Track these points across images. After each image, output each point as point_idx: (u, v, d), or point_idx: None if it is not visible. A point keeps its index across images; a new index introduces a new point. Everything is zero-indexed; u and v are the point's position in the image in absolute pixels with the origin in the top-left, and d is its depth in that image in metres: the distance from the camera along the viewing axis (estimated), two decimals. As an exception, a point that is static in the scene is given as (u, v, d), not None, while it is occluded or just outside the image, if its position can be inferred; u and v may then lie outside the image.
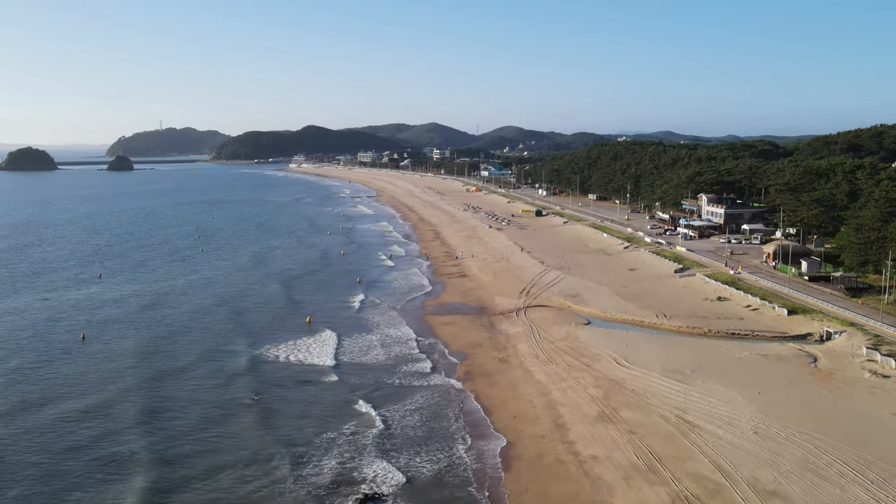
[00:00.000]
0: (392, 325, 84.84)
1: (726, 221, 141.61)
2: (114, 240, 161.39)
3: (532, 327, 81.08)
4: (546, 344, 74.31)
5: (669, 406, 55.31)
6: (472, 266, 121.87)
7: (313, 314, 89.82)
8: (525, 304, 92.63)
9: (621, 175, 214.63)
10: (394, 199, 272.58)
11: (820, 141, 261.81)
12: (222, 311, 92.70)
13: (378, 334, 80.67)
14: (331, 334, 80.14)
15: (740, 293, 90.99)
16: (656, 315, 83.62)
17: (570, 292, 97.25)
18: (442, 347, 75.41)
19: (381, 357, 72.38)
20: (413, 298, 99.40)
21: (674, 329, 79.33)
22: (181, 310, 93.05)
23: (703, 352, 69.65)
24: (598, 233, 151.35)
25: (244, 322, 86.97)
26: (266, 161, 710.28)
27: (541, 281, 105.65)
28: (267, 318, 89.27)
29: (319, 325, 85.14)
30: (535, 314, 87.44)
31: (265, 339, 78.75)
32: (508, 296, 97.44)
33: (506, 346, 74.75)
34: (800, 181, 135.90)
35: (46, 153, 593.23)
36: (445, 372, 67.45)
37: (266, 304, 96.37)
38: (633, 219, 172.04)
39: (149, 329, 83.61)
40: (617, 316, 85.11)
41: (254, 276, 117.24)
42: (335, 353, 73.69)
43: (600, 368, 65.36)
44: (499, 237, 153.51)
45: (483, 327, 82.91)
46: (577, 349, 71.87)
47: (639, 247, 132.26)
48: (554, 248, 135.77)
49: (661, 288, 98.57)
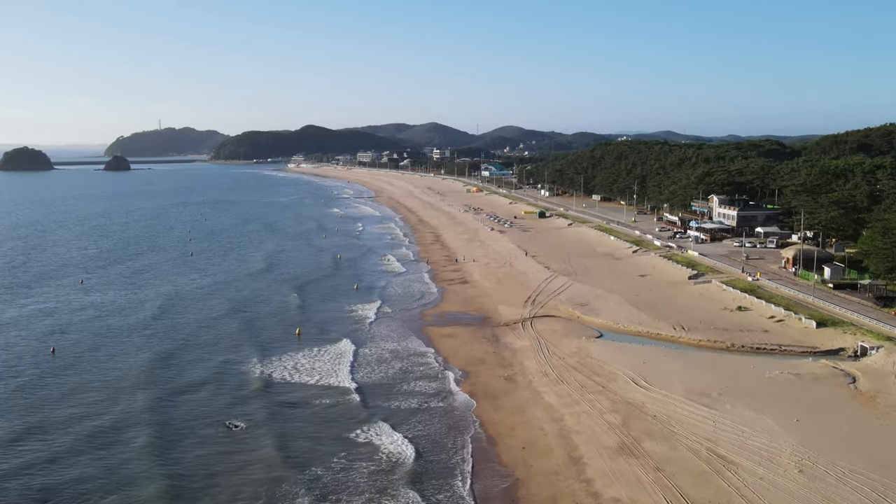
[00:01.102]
0: (388, 337, 78.61)
1: (739, 224, 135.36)
2: (101, 244, 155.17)
3: (539, 341, 74.87)
4: (555, 360, 68.11)
5: (698, 436, 49.09)
6: (474, 271, 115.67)
7: (304, 325, 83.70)
8: (531, 313, 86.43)
9: (626, 175, 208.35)
10: (393, 199, 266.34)
11: (829, 140, 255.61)
12: (203, 321, 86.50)
13: (373, 349, 74.41)
14: (320, 350, 73.91)
15: (762, 302, 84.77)
16: (673, 327, 77.39)
17: (578, 301, 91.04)
18: (442, 364, 69.21)
19: (375, 376, 66.15)
20: (411, 307, 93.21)
21: (693, 343, 73.12)
22: (161, 321, 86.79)
23: (728, 370, 63.41)
24: (605, 235, 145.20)
25: (227, 333, 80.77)
26: (265, 161, 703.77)
27: (547, 288, 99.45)
28: (252, 329, 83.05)
29: (309, 338, 78.99)
30: (543, 325, 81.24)
31: (249, 353, 72.57)
32: (513, 305, 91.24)
33: (512, 363, 68.55)
34: (816, 182, 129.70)
35: (43, 153, 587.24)
36: (445, 393, 61.26)
37: (252, 314, 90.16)
38: (641, 220, 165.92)
39: (125, 341, 77.43)
40: (631, 328, 78.88)
41: (241, 282, 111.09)
42: (318, 370, 67.47)
43: (617, 389, 59.16)
44: (501, 240, 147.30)
45: (486, 340, 76.71)
46: (589, 366, 65.65)
47: (648, 250, 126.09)
48: (559, 251, 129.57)
49: (676, 296, 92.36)
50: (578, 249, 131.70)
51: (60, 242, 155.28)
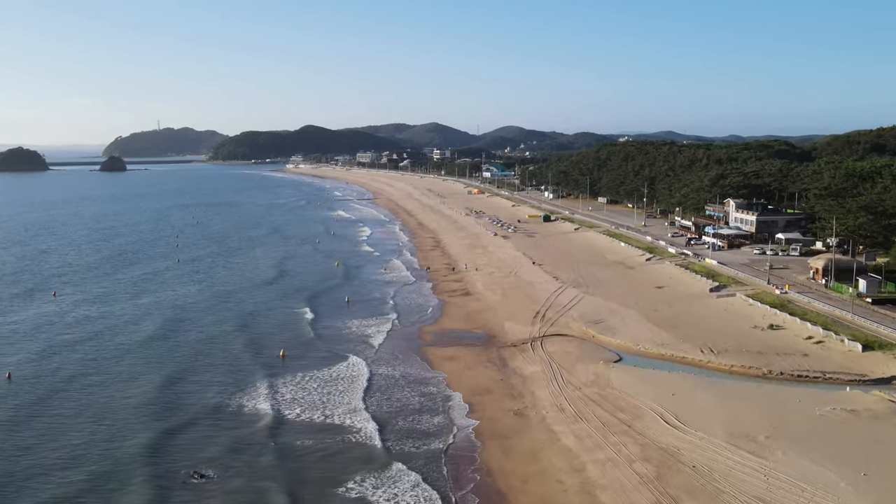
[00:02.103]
0: (381, 361, 70.54)
1: (758, 230, 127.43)
2: (82, 250, 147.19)
3: (552, 365, 66.85)
4: (571, 390, 60.09)
5: (749, 496, 41.08)
6: (477, 281, 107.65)
7: (289, 345, 75.78)
8: (540, 332, 78.41)
9: (634, 177, 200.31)
10: (391, 201, 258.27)
11: (840, 140, 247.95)
12: (174, 340, 78.46)
13: (363, 373, 66.42)
14: (304, 377, 65.87)
15: (795, 320, 76.76)
16: (701, 350, 69.37)
17: (592, 317, 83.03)
18: (443, 394, 61.22)
19: (365, 409, 58.12)
20: (408, 323, 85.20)
21: (724, 369, 65.10)
22: (128, 338, 78.77)
23: (771, 404, 55.38)
24: (615, 241, 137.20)
25: (200, 353, 72.79)
26: (263, 161, 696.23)
27: (556, 301, 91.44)
28: (228, 350, 75.01)
29: (294, 360, 70.98)
30: (554, 346, 73.23)
31: (221, 380, 64.59)
32: (520, 321, 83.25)
33: (522, 393, 60.56)
34: (842, 185, 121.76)
35: (38, 153, 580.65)
36: (446, 432, 53.27)
37: (228, 333, 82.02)
38: (651, 225, 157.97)
39: (90, 363, 69.40)
40: (653, 350, 70.84)
41: (223, 290, 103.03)
42: (305, 402, 59.51)
43: (645, 429, 51.15)
44: (505, 246, 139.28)
45: (492, 364, 68.69)
46: (611, 398, 57.66)
47: (663, 258, 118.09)
48: (567, 259, 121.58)
49: (699, 311, 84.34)
50: (588, 257, 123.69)
51: (41, 248, 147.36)
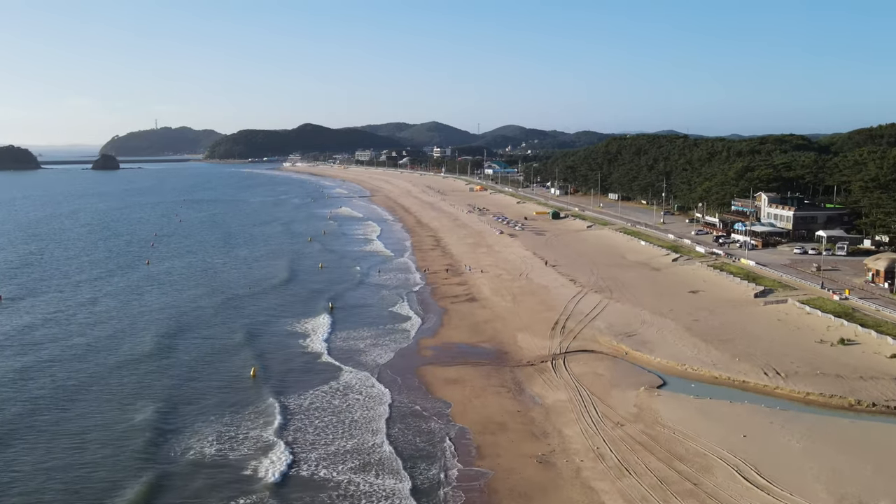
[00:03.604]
0: (366, 386, 57.36)
1: (796, 226, 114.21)
2: (51, 248, 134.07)
3: (580, 391, 53.73)
4: (610, 427, 46.96)
5: None
6: (483, 285, 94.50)
7: (262, 360, 62.79)
8: (562, 347, 65.25)
9: (648, 172, 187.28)
10: (389, 199, 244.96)
11: (863, 134, 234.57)
12: (132, 358, 65.38)
13: (343, 406, 53.32)
14: (276, 405, 52.79)
15: (870, 333, 63.63)
16: (764, 371, 56.24)
17: (622, 329, 69.84)
18: (445, 430, 48.13)
19: (340, 456, 45.01)
20: (403, 336, 72.07)
21: (799, 398, 51.95)
22: (52, 351, 65.74)
23: (878, 450, 42.19)
24: (634, 240, 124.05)
25: (156, 373, 59.72)
26: (260, 160, 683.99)
27: (577, 309, 78.26)
28: (196, 365, 61.99)
29: (266, 382, 57.94)
30: (580, 365, 60.09)
31: (176, 407, 51.59)
32: (536, 333, 70.10)
33: (546, 430, 47.44)
34: (891, 176, 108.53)
35: (29, 152, 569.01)
36: (448, 491, 40.12)
37: (197, 341, 68.98)
38: (670, 222, 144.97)
39: (25, 385, 56.41)
40: (703, 372, 57.66)
41: (196, 293, 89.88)
42: (281, 445, 46.44)
43: (718, 490, 38.01)
44: (513, 245, 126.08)
45: (506, 390, 55.57)
46: (663, 441, 44.52)
47: (691, 258, 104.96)
48: (583, 260, 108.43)
49: (748, 322, 71.16)
50: (606, 257, 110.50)
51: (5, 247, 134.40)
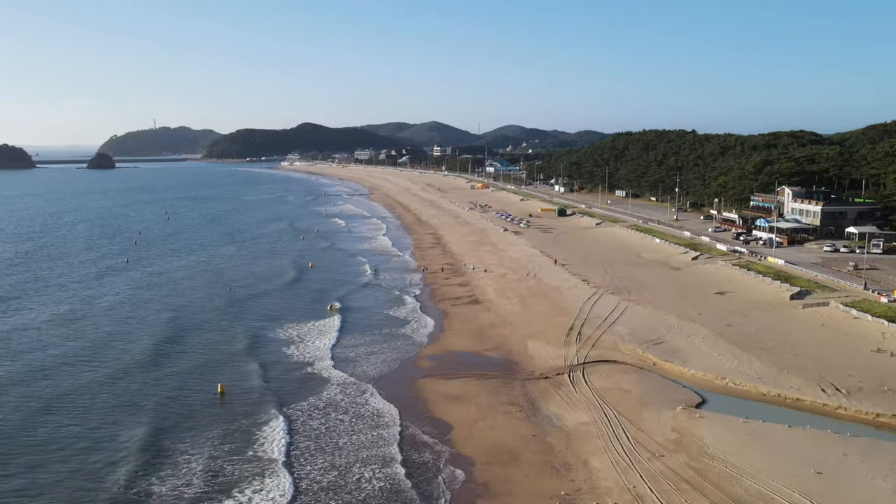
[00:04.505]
0: (354, 406, 49.08)
1: (823, 222, 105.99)
2: (31, 247, 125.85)
3: (606, 411, 45.47)
4: (646, 459, 38.68)
5: None
6: (487, 286, 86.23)
7: (233, 374, 54.59)
8: (579, 356, 57.00)
9: (657, 167, 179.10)
10: (388, 197, 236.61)
11: (877, 129, 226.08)
12: (91, 372, 57.25)
13: (325, 425, 45.07)
14: (250, 425, 44.53)
15: (933, 340, 55.46)
16: (820, 387, 47.92)
17: (646, 335, 61.55)
18: (444, 460, 39.87)
19: (323, 494, 36.79)
20: (398, 342, 63.85)
21: (868, 420, 43.68)
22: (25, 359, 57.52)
23: None
24: (647, 237, 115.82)
25: (121, 389, 51.56)
26: (258, 159, 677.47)
27: (594, 313, 69.96)
28: (164, 381, 53.79)
29: (235, 399, 49.73)
30: (603, 379, 51.82)
31: (144, 430, 43.42)
32: (549, 340, 61.83)
33: (568, 462, 39.16)
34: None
35: (24, 151, 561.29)
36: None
37: (164, 353, 60.81)
38: (683, 219, 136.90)
39: None
40: (748, 387, 49.33)
41: (160, 301, 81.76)
42: (241, 477, 38.18)
43: (795, 547, 29.78)
44: (518, 243, 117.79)
45: (517, 409, 47.28)
46: (714, 477, 36.22)
47: (712, 257, 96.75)
48: (595, 258, 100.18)
49: (787, 327, 62.90)
50: (620, 255, 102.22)
51: None
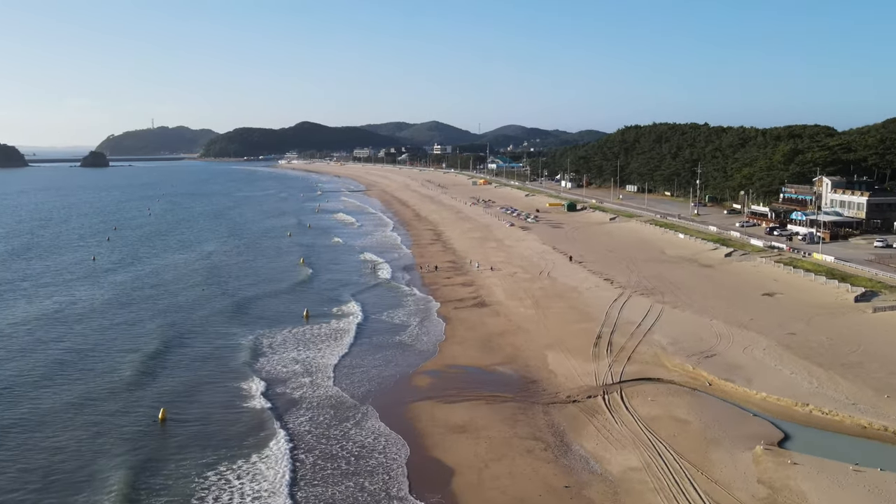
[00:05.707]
0: (335, 440, 38.05)
1: (870, 215, 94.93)
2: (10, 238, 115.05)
3: (660, 450, 34.30)
4: (729, 527, 27.54)
5: None
6: (495, 286, 75.03)
7: (180, 397, 43.49)
8: (614, 373, 45.78)
9: (672, 160, 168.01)
10: (386, 193, 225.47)
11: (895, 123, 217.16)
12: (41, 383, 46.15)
13: (301, 476, 34.01)
14: (192, 464, 33.47)
15: None
16: (937, 417, 36.80)
17: (693, 346, 50.33)
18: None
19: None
20: (391, 353, 52.74)
21: None
22: None
23: None
24: (669, 232, 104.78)
25: (63, 404, 40.48)
26: (256, 158, 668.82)
27: (623, 318, 58.80)
28: (101, 402, 42.71)
29: (181, 426, 38.63)
30: (648, 404, 40.63)
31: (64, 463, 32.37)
32: (573, 351, 50.66)
33: (618, 531, 28.05)
34: None
35: (16, 149, 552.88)
36: None
37: (109, 367, 49.71)
38: (704, 213, 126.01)
39: None
40: (841, 416, 38.03)
41: (137, 301, 70.68)
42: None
43: None
44: (527, 239, 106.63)
45: (540, 444, 36.09)
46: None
47: (748, 253, 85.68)
48: (615, 255, 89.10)
49: (863, 335, 51.73)
50: (642, 252, 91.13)
51: None
